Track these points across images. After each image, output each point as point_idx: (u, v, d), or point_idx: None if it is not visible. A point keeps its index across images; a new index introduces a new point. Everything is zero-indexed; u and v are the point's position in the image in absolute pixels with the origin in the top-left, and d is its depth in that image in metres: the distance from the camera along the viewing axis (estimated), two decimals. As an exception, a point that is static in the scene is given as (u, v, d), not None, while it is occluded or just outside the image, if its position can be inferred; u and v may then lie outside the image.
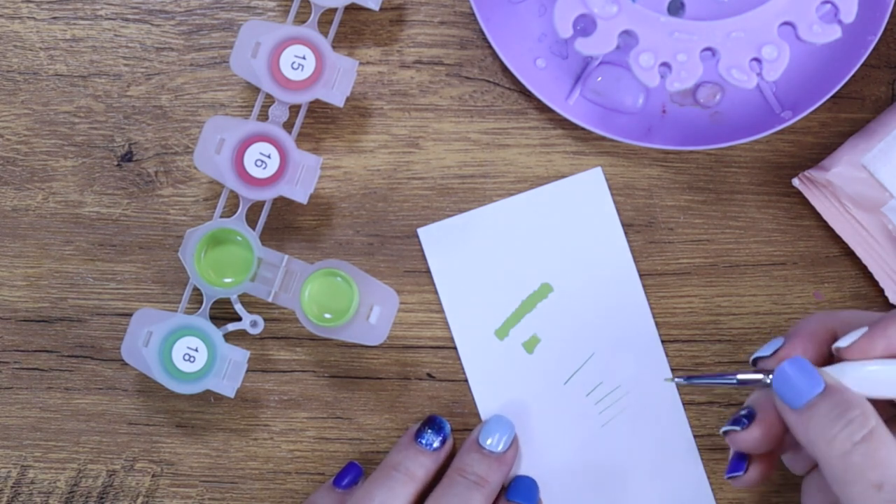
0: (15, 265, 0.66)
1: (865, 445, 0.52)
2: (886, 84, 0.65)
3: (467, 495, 0.61)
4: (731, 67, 0.59)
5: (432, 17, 0.65)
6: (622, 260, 0.65)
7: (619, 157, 0.66)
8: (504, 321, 0.66)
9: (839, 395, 0.53)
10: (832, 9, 0.59)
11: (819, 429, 0.53)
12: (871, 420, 0.53)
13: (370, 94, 0.65)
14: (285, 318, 0.66)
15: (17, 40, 0.65)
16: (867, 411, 0.53)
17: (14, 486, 0.66)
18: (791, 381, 0.54)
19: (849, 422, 0.53)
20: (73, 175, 0.66)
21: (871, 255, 0.64)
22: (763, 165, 0.65)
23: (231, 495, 0.66)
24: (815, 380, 0.54)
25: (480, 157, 0.66)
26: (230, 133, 0.62)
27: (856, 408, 0.53)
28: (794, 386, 0.54)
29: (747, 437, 0.56)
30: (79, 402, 0.66)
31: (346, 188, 0.66)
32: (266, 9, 0.65)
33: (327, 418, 0.66)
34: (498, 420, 0.64)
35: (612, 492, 0.65)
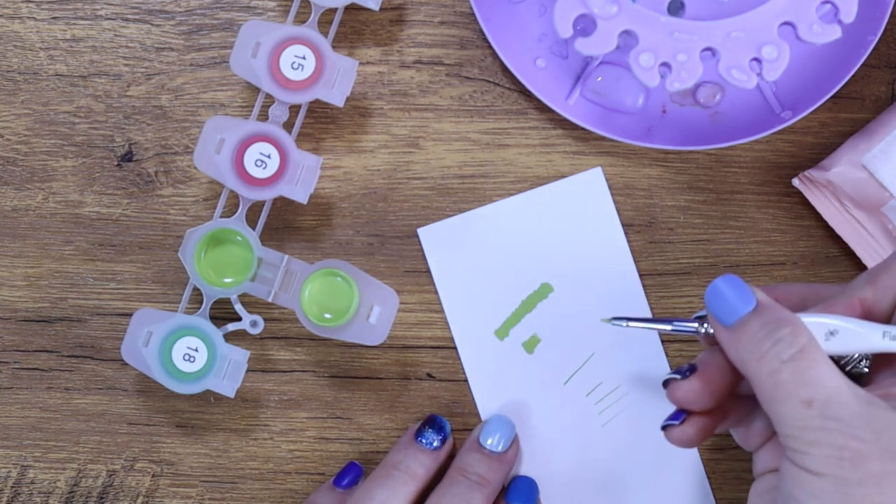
0: (15, 265, 0.66)
1: (795, 363, 0.52)
2: (886, 84, 0.65)
3: (468, 495, 0.61)
4: (731, 67, 0.59)
5: (432, 17, 0.65)
6: (622, 260, 0.65)
7: (619, 157, 0.66)
8: (504, 321, 0.66)
9: (770, 313, 0.53)
10: (832, 9, 0.59)
11: (749, 346, 0.53)
12: (802, 338, 0.52)
13: (370, 94, 0.65)
14: (285, 318, 0.66)
15: (17, 40, 0.65)
16: (798, 329, 0.52)
17: (14, 486, 0.66)
18: (723, 297, 0.54)
19: (778, 339, 0.52)
20: (73, 175, 0.66)
21: (871, 255, 0.64)
22: (763, 165, 0.65)
23: (231, 495, 0.66)
24: (746, 296, 0.54)
25: (480, 157, 0.66)
26: (230, 133, 0.62)
27: (786, 325, 0.52)
28: (725, 302, 0.54)
29: (686, 386, 0.55)
30: (79, 402, 0.66)
31: (346, 188, 0.66)
32: (266, 9, 0.65)
33: (327, 418, 0.66)
34: (498, 420, 0.64)
35: (612, 492, 0.65)
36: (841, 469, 0.49)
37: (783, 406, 0.51)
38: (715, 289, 0.54)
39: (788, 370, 0.51)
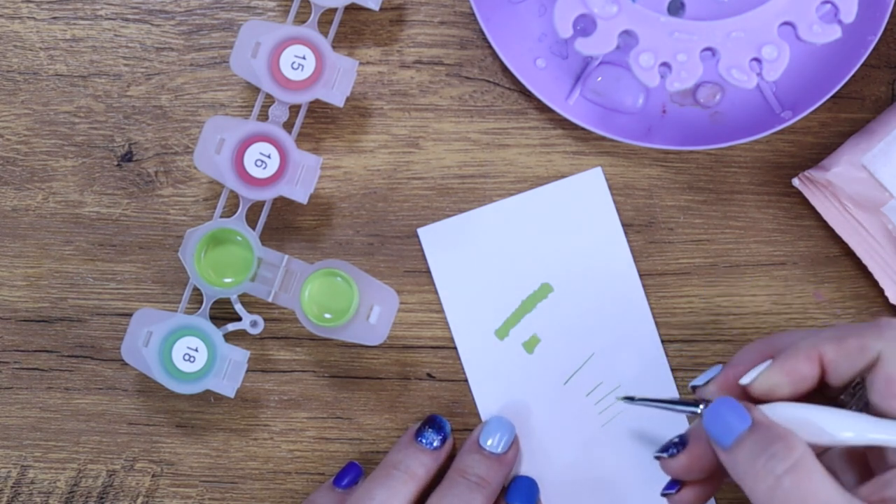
0: (15, 265, 0.66)
1: (790, 477, 0.52)
2: (886, 84, 0.65)
3: (469, 496, 0.61)
4: (731, 67, 0.59)
5: (432, 17, 0.65)
6: (622, 260, 0.65)
7: (619, 157, 0.66)
8: (504, 321, 0.66)
9: (764, 430, 0.53)
10: (832, 9, 0.59)
11: (746, 464, 0.53)
12: (796, 451, 0.52)
13: (370, 94, 0.65)
14: (285, 318, 0.66)
15: (17, 40, 0.65)
16: (791, 443, 0.52)
17: (14, 486, 0.66)
18: (720, 419, 0.55)
19: (772, 455, 0.53)
20: (73, 175, 0.66)
21: (871, 255, 0.64)
22: (763, 165, 0.65)
23: (231, 495, 0.66)
24: (742, 417, 0.54)
25: (480, 157, 0.66)
26: (230, 133, 0.62)
27: (779, 440, 0.53)
28: (722, 424, 0.55)
29: (675, 464, 0.57)
30: (79, 402, 0.66)
31: (346, 188, 0.66)
32: (266, 9, 0.65)
33: (327, 418, 0.66)
34: (498, 421, 0.64)
35: (612, 492, 0.65)
36: None
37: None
38: (712, 412, 0.55)
39: (785, 485, 0.52)
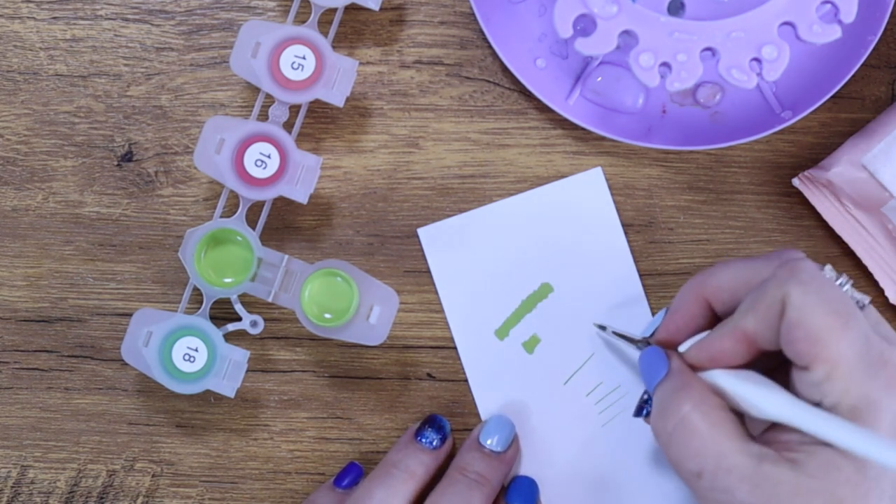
0: (15, 265, 0.66)
1: (677, 436, 0.52)
2: (886, 84, 0.65)
3: (468, 494, 0.61)
4: (731, 67, 0.59)
5: (432, 17, 0.65)
6: (622, 260, 0.65)
7: (619, 157, 0.66)
8: (504, 321, 0.66)
9: (677, 376, 0.54)
10: (832, 9, 0.59)
11: (659, 405, 0.54)
12: (683, 407, 0.52)
13: (370, 94, 0.65)
14: (285, 318, 0.66)
15: (17, 40, 0.65)
16: (683, 398, 0.52)
17: (14, 486, 0.66)
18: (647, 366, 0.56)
19: (662, 411, 0.53)
20: (73, 175, 0.66)
21: (871, 255, 0.64)
22: (763, 165, 0.65)
23: (231, 495, 0.66)
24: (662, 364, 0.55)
25: (480, 157, 0.66)
26: (230, 133, 0.62)
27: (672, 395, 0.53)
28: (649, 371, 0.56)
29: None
30: (79, 402, 0.66)
31: (346, 188, 0.66)
32: (266, 9, 0.65)
33: (327, 418, 0.66)
34: (498, 420, 0.64)
35: (612, 492, 0.65)
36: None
37: (681, 477, 0.53)
38: (642, 360, 0.57)
39: (674, 443, 0.52)
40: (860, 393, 0.51)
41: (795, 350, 0.52)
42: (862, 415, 0.51)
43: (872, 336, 0.52)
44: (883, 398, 0.51)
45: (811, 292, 0.52)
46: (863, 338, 0.51)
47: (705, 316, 0.58)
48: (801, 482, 0.50)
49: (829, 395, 0.51)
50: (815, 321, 0.51)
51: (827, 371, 0.51)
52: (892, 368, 0.51)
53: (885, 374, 0.51)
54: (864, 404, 0.51)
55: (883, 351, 0.51)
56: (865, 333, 0.51)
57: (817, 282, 0.52)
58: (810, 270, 0.53)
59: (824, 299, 0.51)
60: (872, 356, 0.51)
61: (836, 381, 0.51)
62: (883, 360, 0.51)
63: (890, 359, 0.51)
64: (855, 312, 0.52)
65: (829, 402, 0.51)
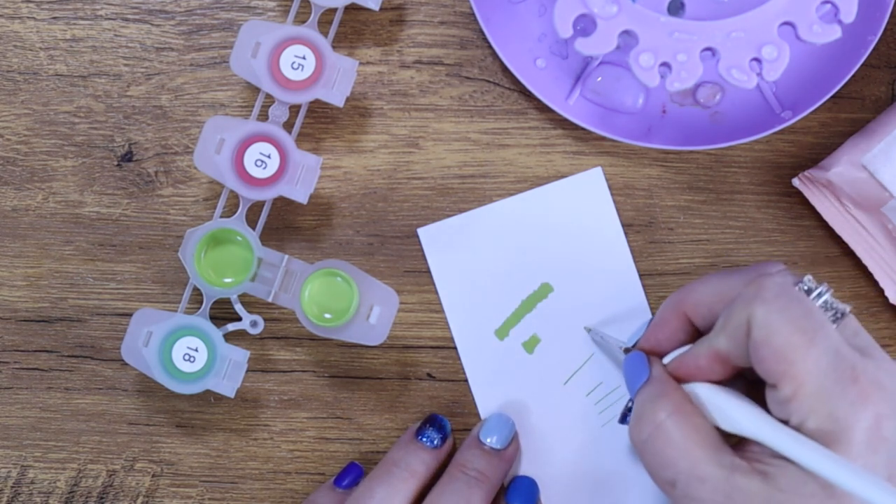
0: (15, 265, 0.66)
1: (652, 442, 0.52)
2: (886, 84, 0.65)
3: (468, 492, 0.61)
4: (731, 67, 0.59)
5: (432, 17, 0.65)
6: (622, 260, 0.65)
7: (619, 157, 0.66)
8: (504, 321, 0.66)
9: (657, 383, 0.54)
10: (832, 9, 0.59)
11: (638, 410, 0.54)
12: (659, 414, 0.52)
13: (370, 94, 0.65)
14: (285, 318, 0.66)
15: (17, 40, 0.65)
16: (659, 404, 0.52)
17: (14, 486, 0.66)
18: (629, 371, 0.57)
19: (638, 418, 0.53)
20: (73, 175, 0.66)
21: (871, 255, 0.64)
22: (763, 165, 0.65)
23: (231, 495, 0.66)
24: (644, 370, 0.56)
25: (480, 157, 0.66)
26: (230, 133, 0.62)
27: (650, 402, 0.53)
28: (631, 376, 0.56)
29: None
30: (79, 402, 0.66)
31: (346, 188, 0.66)
32: (266, 9, 0.65)
33: (327, 418, 0.66)
34: (499, 417, 0.64)
35: (612, 492, 0.65)
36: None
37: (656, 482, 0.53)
38: (625, 364, 0.58)
39: (649, 452, 0.52)
40: (826, 411, 0.50)
41: (763, 368, 0.52)
42: (829, 433, 0.50)
43: (844, 349, 0.51)
44: (851, 414, 0.50)
45: (774, 311, 0.51)
46: (831, 353, 0.51)
47: (686, 330, 0.58)
48: (771, 495, 0.50)
49: (795, 413, 0.51)
50: (779, 340, 0.51)
51: (793, 389, 0.51)
52: (863, 383, 0.50)
53: (856, 389, 0.50)
54: (830, 422, 0.50)
55: (855, 365, 0.51)
56: (835, 348, 0.51)
57: (782, 299, 0.52)
58: (775, 287, 0.52)
59: (788, 317, 0.51)
60: (842, 371, 0.51)
61: (801, 399, 0.51)
62: (854, 375, 0.50)
63: (862, 372, 0.51)
64: (822, 328, 0.51)
65: (796, 420, 0.51)
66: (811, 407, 0.50)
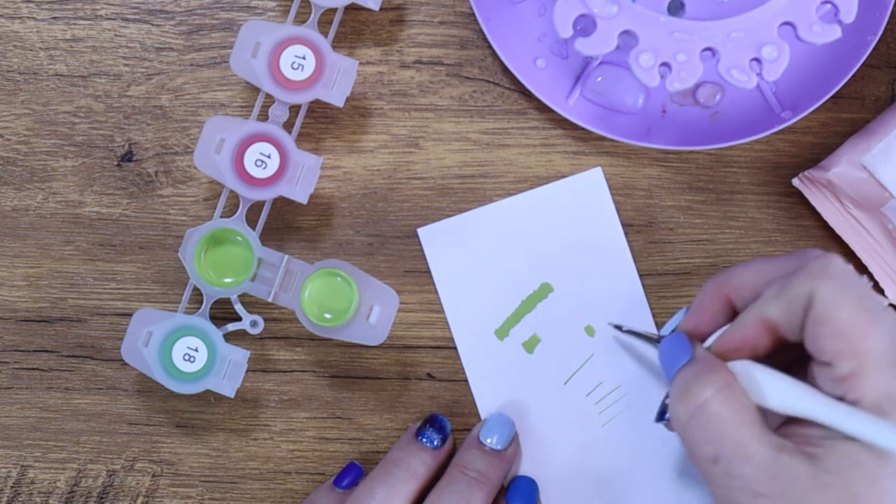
0: (15, 265, 0.66)
1: (696, 419, 0.52)
2: (886, 84, 0.65)
3: (468, 492, 0.61)
4: (731, 67, 0.59)
5: (432, 17, 0.65)
6: (622, 260, 0.65)
7: (619, 157, 0.66)
8: (504, 321, 0.66)
9: (701, 362, 0.53)
10: (832, 9, 0.59)
11: (680, 390, 0.53)
12: (706, 391, 0.52)
13: (370, 94, 0.65)
14: (285, 318, 0.66)
15: (17, 40, 0.66)
16: (706, 381, 0.52)
17: (14, 486, 0.66)
18: (668, 353, 0.56)
19: (685, 392, 0.52)
20: (73, 175, 0.66)
21: (871, 255, 0.64)
22: (763, 165, 0.65)
23: (231, 495, 0.66)
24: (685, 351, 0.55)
25: (480, 157, 0.66)
26: (230, 133, 0.62)
27: (713, 371, 0.52)
28: (670, 358, 0.56)
29: None
30: (79, 402, 0.66)
31: (346, 188, 0.66)
32: (266, 9, 0.65)
33: (327, 418, 0.66)
34: (499, 418, 0.64)
35: (612, 492, 0.65)
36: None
37: (695, 461, 0.52)
38: (663, 347, 0.57)
39: (692, 427, 0.52)
40: (886, 389, 0.50)
41: (819, 346, 0.52)
42: (885, 411, 0.50)
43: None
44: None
45: (840, 287, 0.51)
46: (890, 335, 0.51)
47: (726, 314, 0.58)
48: (818, 476, 0.50)
49: (852, 391, 0.51)
50: (842, 317, 0.51)
51: (853, 367, 0.51)
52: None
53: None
54: (888, 401, 0.50)
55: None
56: (892, 331, 0.51)
57: (846, 277, 0.52)
58: (840, 265, 0.53)
59: (853, 295, 0.51)
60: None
61: (861, 377, 0.51)
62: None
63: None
64: (884, 310, 0.52)
65: (853, 397, 0.51)
66: (870, 385, 0.51)
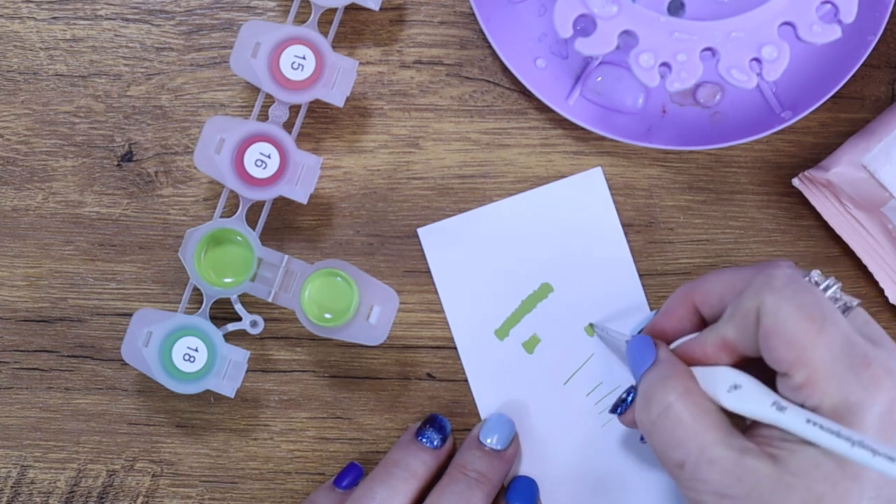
0: (15, 265, 0.66)
1: (661, 423, 0.52)
2: (886, 84, 0.65)
3: (468, 493, 0.61)
4: (731, 67, 0.59)
5: (432, 17, 0.65)
6: (622, 260, 0.65)
7: (619, 157, 0.66)
8: (504, 321, 0.66)
9: (665, 365, 0.53)
10: (832, 9, 0.59)
11: (644, 393, 0.54)
12: (669, 396, 0.52)
13: (370, 94, 0.65)
14: (285, 318, 0.66)
15: (17, 40, 0.65)
16: (670, 386, 0.52)
17: (14, 486, 0.66)
18: (634, 354, 0.56)
19: (648, 399, 0.52)
20: (73, 175, 0.66)
21: (871, 255, 0.64)
22: (763, 165, 0.65)
23: (231, 495, 0.66)
24: (650, 352, 0.55)
25: (480, 157, 0.66)
26: (230, 133, 0.62)
27: (659, 384, 0.52)
28: (636, 358, 0.56)
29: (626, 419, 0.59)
30: (79, 402, 0.66)
31: (346, 188, 0.66)
32: (266, 9, 0.65)
33: (327, 418, 0.66)
34: (499, 418, 0.64)
35: (612, 492, 0.65)
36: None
37: (664, 465, 0.53)
38: (630, 347, 0.57)
39: (658, 432, 0.52)
40: (840, 396, 0.51)
41: (773, 357, 0.52)
42: (843, 417, 0.50)
43: (854, 337, 0.51)
44: (865, 399, 0.50)
45: (784, 298, 0.52)
46: (842, 340, 0.51)
47: (692, 321, 0.58)
48: (781, 477, 0.50)
49: (810, 398, 0.51)
50: (789, 327, 0.51)
51: (806, 375, 0.51)
52: (875, 369, 0.51)
53: (868, 374, 0.51)
54: (844, 406, 0.50)
55: (867, 352, 0.51)
56: (845, 335, 0.51)
57: (791, 287, 0.52)
58: (784, 277, 0.53)
59: (798, 305, 0.51)
60: (854, 357, 0.51)
61: (815, 384, 0.51)
62: (866, 361, 0.51)
63: (874, 359, 0.51)
64: (832, 315, 0.51)
65: (811, 404, 0.51)
66: (824, 392, 0.51)
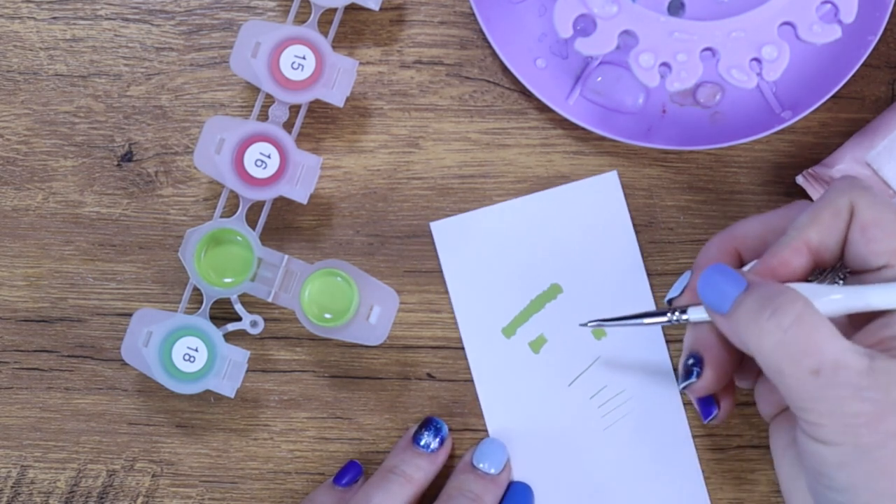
0: (15, 265, 0.66)
1: (796, 330, 0.51)
2: (886, 84, 0.65)
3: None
4: (731, 67, 0.59)
5: (432, 17, 0.65)
6: (633, 265, 0.65)
7: (619, 157, 0.66)
8: (512, 319, 0.66)
9: (762, 288, 0.52)
10: (832, 9, 0.59)
11: (748, 324, 0.52)
12: (798, 304, 0.51)
13: (370, 94, 0.66)
14: (285, 318, 0.66)
15: (17, 40, 0.66)
16: (792, 297, 0.51)
17: (14, 486, 0.66)
18: (715, 287, 0.54)
19: (775, 309, 0.51)
20: (73, 175, 0.66)
21: (873, 255, 0.64)
22: (763, 165, 0.65)
23: (231, 495, 0.66)
24: (736, 280, 0.53)
25: (480, 157, 0.66)
26: (230, 133, 0.62)
27: (780, 295, 0.52)
28: (718, 291, 0.53)
29: (705, 384, 0.56)
30: (79, 402, 0.66)
31: (346, 188, 0.66)
32: (266, 9, 0.65)
33: (327, 418, 0.66)
34: (491, 443, 0.64)
35: (611, 494, 0.65)
36: (858, 436, 0.49)
37: (792, 379, 0.50)
38: (705, 280, 0.54)
39: (791, 338, 0.51)
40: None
41: (871, 249, 0.53)
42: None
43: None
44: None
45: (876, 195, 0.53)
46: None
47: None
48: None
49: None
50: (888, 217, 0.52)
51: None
52: None
53: None
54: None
55: None
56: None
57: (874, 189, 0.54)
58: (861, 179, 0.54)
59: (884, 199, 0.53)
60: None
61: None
62: None
63: None
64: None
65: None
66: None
